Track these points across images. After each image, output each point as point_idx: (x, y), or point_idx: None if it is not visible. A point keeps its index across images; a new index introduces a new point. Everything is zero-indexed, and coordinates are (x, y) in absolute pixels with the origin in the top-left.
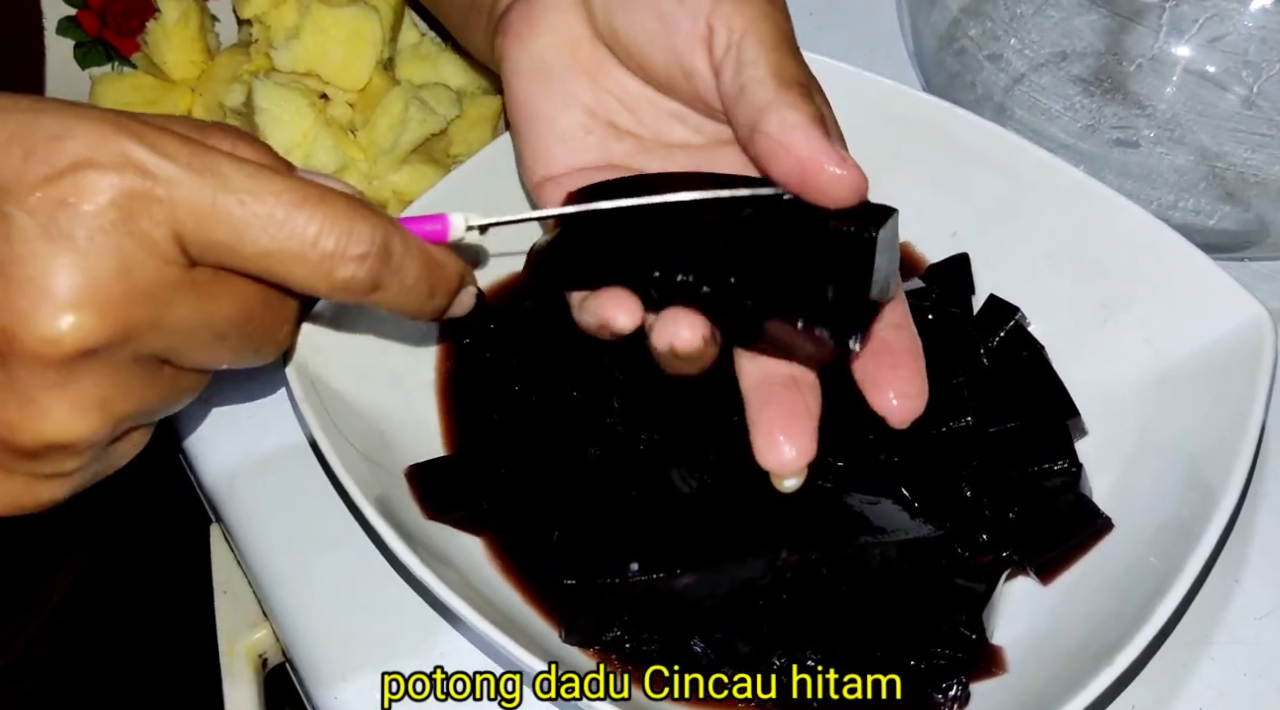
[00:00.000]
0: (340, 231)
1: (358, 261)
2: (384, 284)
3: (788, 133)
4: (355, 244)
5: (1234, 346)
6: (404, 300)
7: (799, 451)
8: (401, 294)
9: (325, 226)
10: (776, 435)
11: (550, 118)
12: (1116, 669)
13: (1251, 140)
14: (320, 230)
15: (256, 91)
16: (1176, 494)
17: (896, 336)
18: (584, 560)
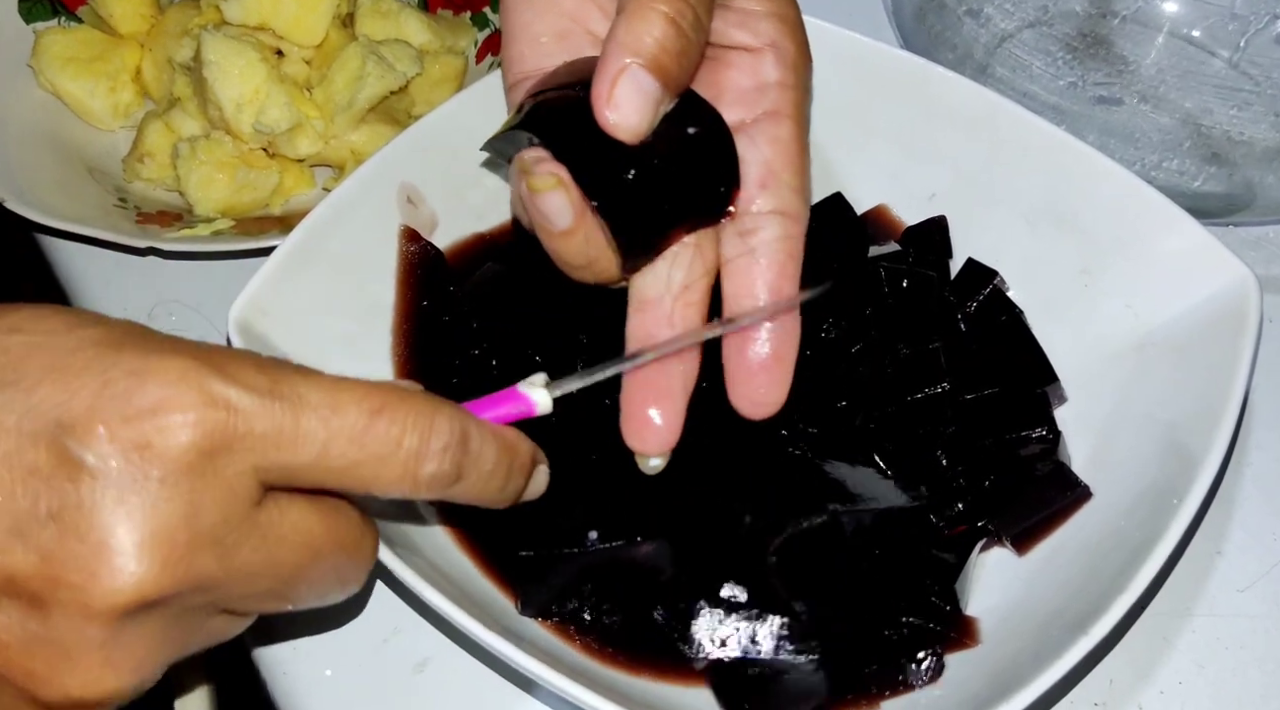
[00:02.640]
0: (422, 428)
1: (440, 455)
2: (465, 473)
3: (605, 47)
4: (437, 438)
5: (1218, 310)
6: (483, 487)
7: (669, 429)
8: (481, 481)
9: (408, 426)
10: (644, 411)
11: (529, 23)
12: (1092, 639)
13: (1238, 98)
14: (404, 430)
15: (204, 44)
16: (1157, 462)
17: (773, 337)
18: (540, 529)
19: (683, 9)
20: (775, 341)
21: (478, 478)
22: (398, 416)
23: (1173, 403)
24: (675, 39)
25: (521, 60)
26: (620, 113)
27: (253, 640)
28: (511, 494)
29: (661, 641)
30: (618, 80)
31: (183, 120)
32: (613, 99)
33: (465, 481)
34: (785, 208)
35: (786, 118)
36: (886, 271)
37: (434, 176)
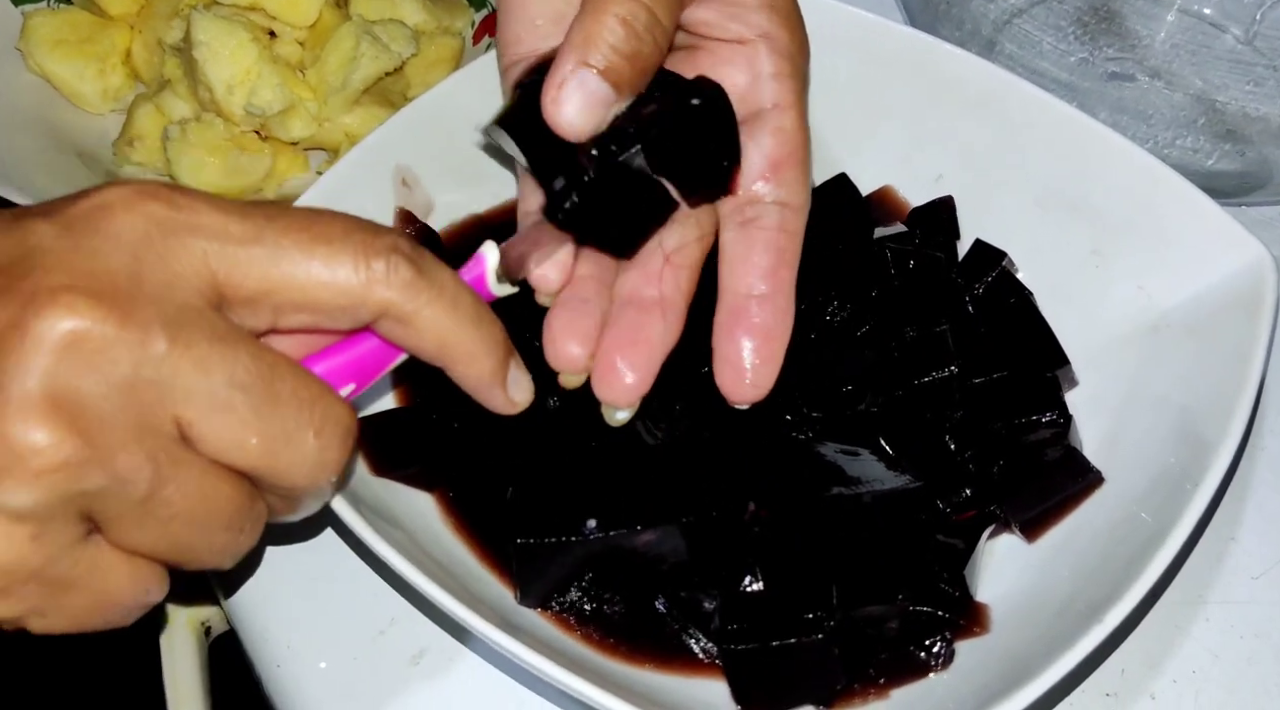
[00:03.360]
0: (370, 226)
1: (391, 249)
2: (425, 275)
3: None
4: (384, 234)
5: (1233, 291)
6: (454, 314)
7: (637, 379)
8: (445, 304)
9: (354, 222)
10: (615, 359)
11: (525, 5)
12: (1105, 628)
13: (1252, 74)
14: (351, 223)
15: (194, 24)
16: (1170, 447)
17: (764, 313)
18: (539, 517)
19: (635, 10)
20: (768, 324)
21: (441, 292)
22: (340, 215)
23: (1187, 386)
24: (626, 40)
25: (518, 43)
26: (564, 114)
27: (245, 632)
28: (490, 344)
29: (664, 631)
30: (565, 83)
31: (173, 103)
32: (558, 101)
33: (428, 290)
34: (788, 199)
35: (787, 108)
36: (892, 253)
37: (429, 158)
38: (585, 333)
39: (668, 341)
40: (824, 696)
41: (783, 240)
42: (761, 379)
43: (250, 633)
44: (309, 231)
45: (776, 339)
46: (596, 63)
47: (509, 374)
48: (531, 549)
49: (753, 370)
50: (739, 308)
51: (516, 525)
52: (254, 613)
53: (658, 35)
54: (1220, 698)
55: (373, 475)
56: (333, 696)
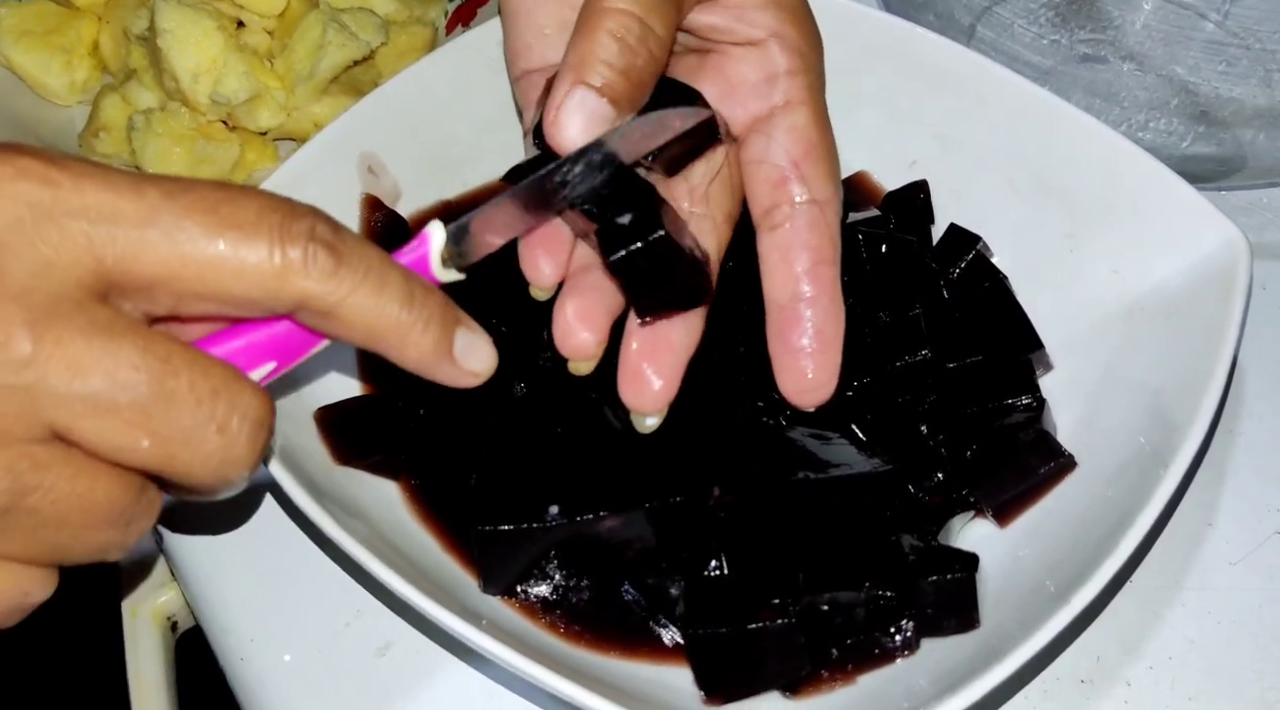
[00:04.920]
0: (284, 206)
1: (309, 232)
2: (347, 261)
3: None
4: (300, 214)
5: (1207, 272)
6: (379, 297)
7: (665, 385)
8: (373, 287)
9: (267, 202)
10: (642, 366)
11: (531, 12)
12: (1073, 609)
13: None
14: (263, 204)
15: (158, 12)
16: (1143, 429)
17: (808, 310)
18: (501, 504)
19: (627, 24)
20: (819, 324)
21: (365, 277)
22: (251, 192)
23: (1161, 369)
24: (620, 55)
25: (528, 53)
26: (567, 135)
27: (209, 625)
28: (423, 321)
29: (630, 618)
30: (563, 105)
31: (139, 93)
32: (559, 123)
33: (350, 277)
34: (815, 195)
35: (800, 105)
36: (865, 237)
37: (396, 145)
38: (597, 320)
39: (690, 344)
40: (790, 683)
41: (816, 238)
42: (823, 380)
43: (214, 626)
44: (215, 213)
45: (829, 338)
46: (593, 81)
47: (455, 345)
48: (493, 536)
49: (814, 373)
50: (787, 313)
51: (478, 512)
52: (217, 606)
53: (652, 46)
54: (1197, 683)
55: (336, 464)
56: (297, 690)
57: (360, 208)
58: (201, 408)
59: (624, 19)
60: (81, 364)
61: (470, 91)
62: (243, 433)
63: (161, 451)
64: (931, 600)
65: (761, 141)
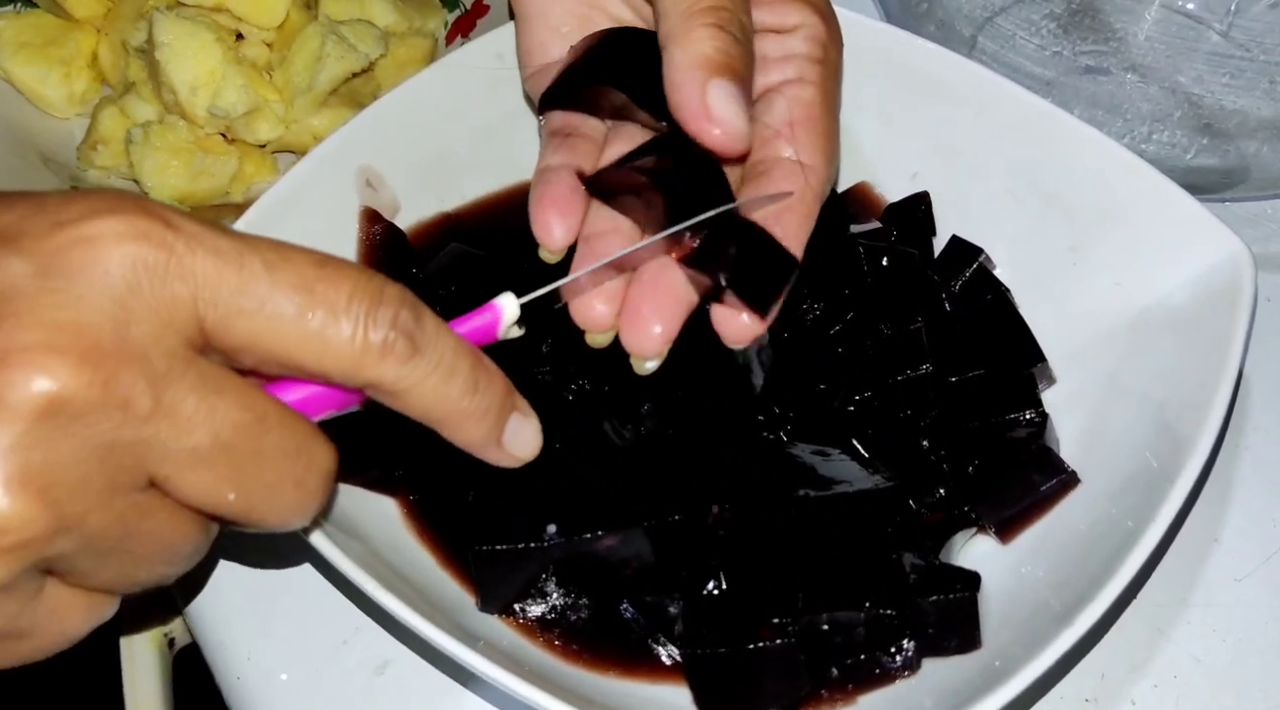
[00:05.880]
0: (372, 291)
1: (391, 321)
2: (422, 350)
3: (674, 73)
4: (388, 303)
5: (1211, 286)
6: (445, 386)
7: (664, 329)
8: (442, 376)
9: (358, 285)
10: (640, 309)
11: (545, 10)
12: (1077, 631)
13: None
14: (354, 287)
15: (156, 25)
16: (1147, 444)
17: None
18: (499, 523)
19: (724, 16)
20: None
21: (437, 367)
22: (347, 274)
23: (1165, 382)
24: (731, 43)
25: (543, 50)
26: (726, 124)
27: (206, 643)
28: (482, 409)
29: (629, 637)
30: (707, 97)
31: (137, 105)
32: (713, 116)
33: (422, 364)
34: (803, 158)
35: (810, 84)
36: (866, 250)
37: (395, 157)
38: (611, 290)
39: (692, 293)
40: (789, 703)
41: (795, 197)
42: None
43: (211, 644)
44: (310, 293)
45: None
46: (718, 70)
47: (505, 433)
48: (490, 556)
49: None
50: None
51: (476, 531)
52: (214, 623)
53: (749, 33)
54: (1202, 702)
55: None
56: (294, 708)
57: (359, 221)
58: (284, 464)
59: (720, 12)
60: (192, 423)
61: (469, 103)
62: (316, 487)
63: (244, 503)
64: (933, 620)
65: (762, 105)
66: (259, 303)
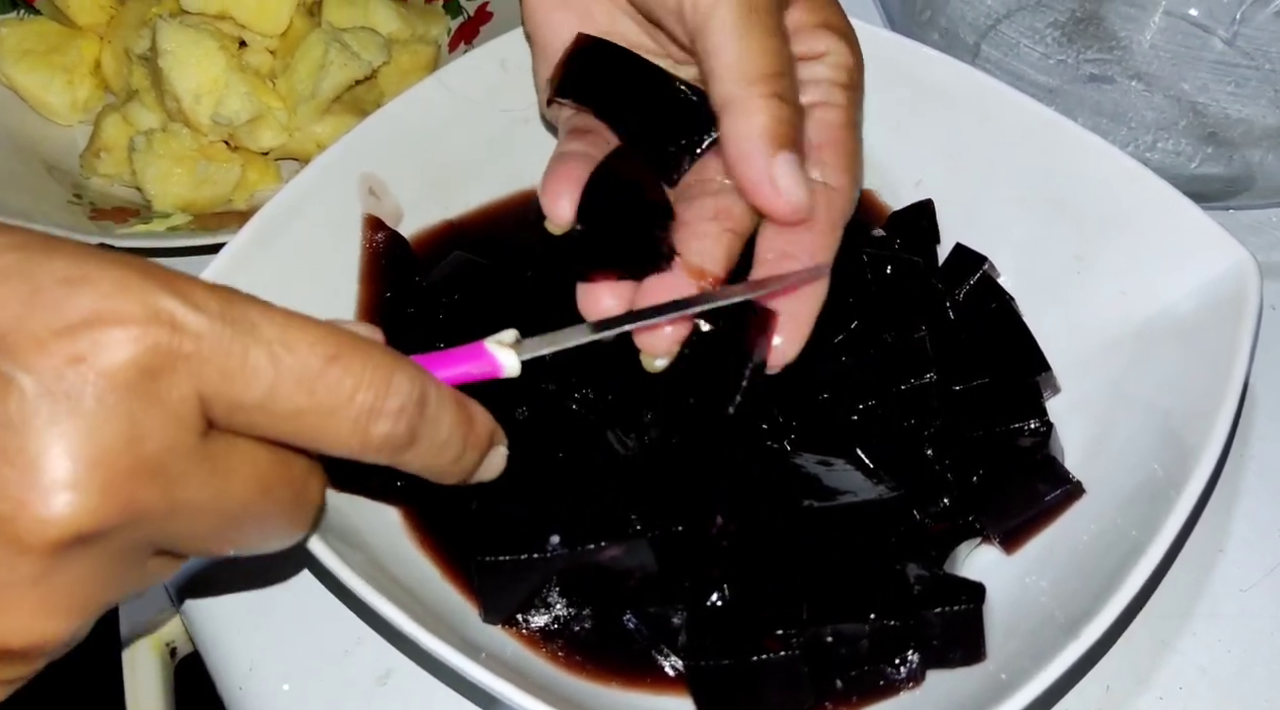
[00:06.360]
0: (379, 384)
1: (395, 416)
2: (419, 438)
3: (739, 145)
4: (394, 396)
5: (1216, 295)
6: (435, 456)
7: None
8: (434, 450)
9: (364, 380)
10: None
11: (561, 25)
12: (1083, 644)
13: (1234, 74)
14: (358, 383)
15: (160, 32)
16: (1153, 454)
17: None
18: (502, 534)
19: (783, 84)
20: (800, 293)
21: (431, 445)
22: (353, 367)
23: (1170, 392)
24: (790, 112)
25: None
26: (793, 197)
27: (208, 652)
28: (464, 469)
29: (633, 647)
30: (774, 173)
31: (140, 113)
32: (780, 190)
33: (418, 447)
34: (828, 180)
35: (836, 108)
36: (870, 258)
37: (399, 165)
38: (620, 288)
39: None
40: None
41: (823, 214)
42: (789, 344)
43: (212, 653)
44: (314, 391)
45: (807, 303)
46: (779, 143)
47: (481, 470)
48: (493, 567)
49: (784, 335)
50: (771, 268)
51: (478, 542)
52: (217, 632)
53: (796, 91)
54: None
55: (336, 491)
56: None
57: (362, 228)
58: (283, 516)
59: (774, 79)
60: (203, 511)
61: (472, 111)
62: (307, 520)
63: (240, 549)
64: (937, 631)
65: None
66: (260, 401)
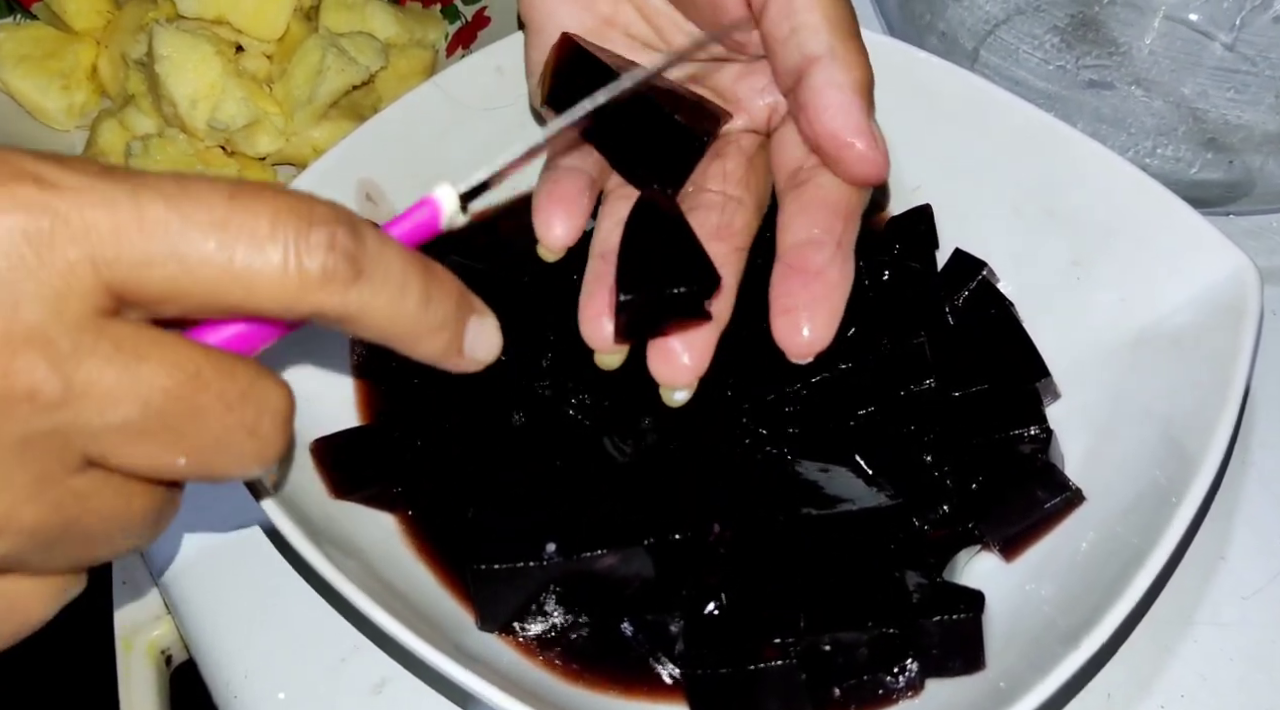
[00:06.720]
0: (299, 210)
1: (328, 242)
2: (367, 271)
3: (831, 94)
4: (319, 222)
5: (1217, 302)
6: (399, 302)
7: (693, 360)
8: (392, 292)
9: (280, 206)
10: (672, 343)
11: (562, 26)
12: (1084, 653)
13: (1234, 80)
14: (276, 209)
15: (156, 37)
16: (1154, 461)
17: (818, 257)
18: (497, 541)
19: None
20: (821, 266)
21: (385, 284)
22: (265, 197)
23: (1170, 398)
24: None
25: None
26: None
27: (202, 659)
28: (443, 323)
29: (630, 656)
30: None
31: (137, 118)
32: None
33: (370, 283)
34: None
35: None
36: (868, 264)
37: (395, 171)
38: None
39: (720, 320)
40: None
41: (838, 194)
42: (819, 328)
43: (207, 661)
44: (225, 228)
45: (835, 286)
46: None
47: (466, 339)
48: (489, 575)
49: (810, 317)
50: (795, 255)
51: (474, 549)
52: (211, 640)
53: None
54: None
55: (332, 497)
56: None
57: None
58: (232, 415)
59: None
60: (113, 394)
61: (469, 116)
62: (273, 429)
63: (197, 463)
64: (936, 640)
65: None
66: (168, 249)
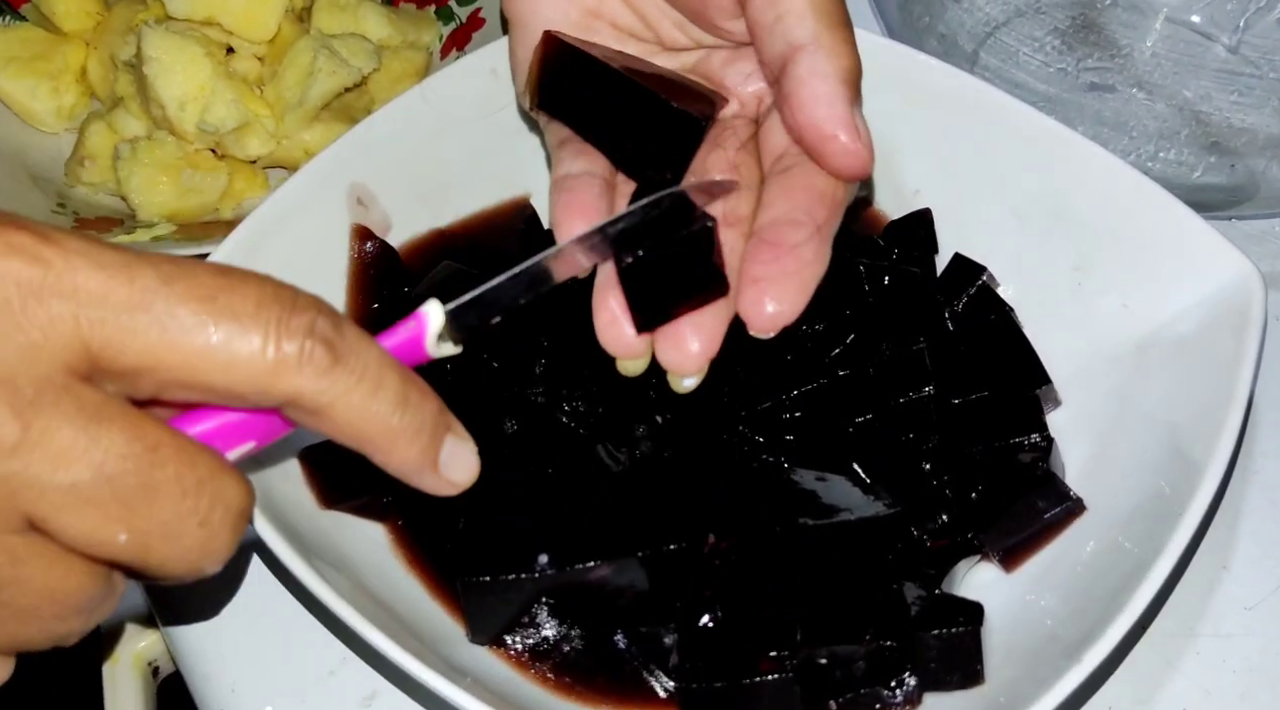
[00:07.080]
0: (283, 297)
1: (308, 328)
2: (343, 358)
3: (814, 85)
4: (301, 310)
5: (1220, 308)
6: (371, 401)
7: (703, 346)
8: (366, 388)
9: (267, 292)
10: (679, 325)
11: (547, 19)
12: (1086, 667)
13: (1238, 83)
14: (262, 293)
15: (145, 39)
16: (1156, 470)
17: (795, 235)
18: (489, 552)
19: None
20: (794, 242)
21: (362, 378)
22: (253, 281)
23: (1173, 405)
24: (860, 62)
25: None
26: (868, 147)
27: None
28: (415, 427)
29: (623, 668)
30: (856, 121)
31: (125, 120)
32: (861, 137)
33: (346, 376)
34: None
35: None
36: (867, 269)
37: (387, 174)
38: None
39: (729, 307)
40: None
41: (822, 181)
42: (785, 303)
43: (194, 673)
44: (212, 303)
45: (808, 264)
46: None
47: (440, 455)
48: (480, 586)
49: (778, 292)
50: (770, 231)
51: (465, 561)
52: (199, 652)
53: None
54: None
55: (321, 508)
56: None
57: (350, 238)
58: (185, 501)
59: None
60: (68, 455)
61: (462, 119)
62: (224, 525)
63: (139, 545)
64: (934, 654)
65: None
66: (153, 317)
